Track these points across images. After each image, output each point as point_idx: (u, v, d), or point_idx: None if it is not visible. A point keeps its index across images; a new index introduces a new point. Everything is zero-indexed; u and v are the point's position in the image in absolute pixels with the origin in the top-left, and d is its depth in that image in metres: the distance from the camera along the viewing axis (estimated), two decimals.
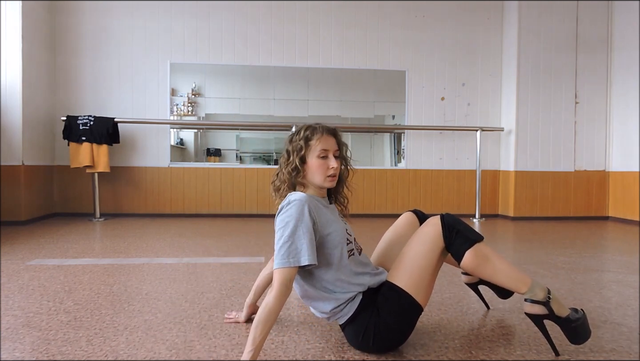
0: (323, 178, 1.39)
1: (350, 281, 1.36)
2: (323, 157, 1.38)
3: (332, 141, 1.42)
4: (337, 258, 1.34)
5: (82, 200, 4.77)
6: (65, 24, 4.76)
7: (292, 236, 1.25)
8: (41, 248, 3.07)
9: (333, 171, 1.39)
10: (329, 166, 1.39)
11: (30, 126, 4.29)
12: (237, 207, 4.96)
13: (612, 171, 5.10)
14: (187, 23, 4.92)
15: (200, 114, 5.06)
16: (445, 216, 1.39)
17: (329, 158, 1.39)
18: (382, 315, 1.33)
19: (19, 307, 1.81)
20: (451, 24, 5.21)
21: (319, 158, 1.38)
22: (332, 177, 1.40)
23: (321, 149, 1.38)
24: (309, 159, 1.39)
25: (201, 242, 3.38)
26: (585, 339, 1.34)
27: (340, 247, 1.35)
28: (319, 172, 1.38)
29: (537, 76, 5.03)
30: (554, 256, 3.01)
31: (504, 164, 5.23)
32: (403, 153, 5.28)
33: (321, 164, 1.38)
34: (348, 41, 5.11)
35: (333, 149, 1.41)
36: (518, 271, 1.37)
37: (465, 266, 1.35)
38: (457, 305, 1.92)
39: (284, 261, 1.24)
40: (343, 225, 1.42)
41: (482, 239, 1.36)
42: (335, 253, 1.34)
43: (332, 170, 1.39)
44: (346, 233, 1.40)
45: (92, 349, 1.41)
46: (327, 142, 1.39)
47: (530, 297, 1.34)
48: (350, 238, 1.42)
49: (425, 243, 1.37)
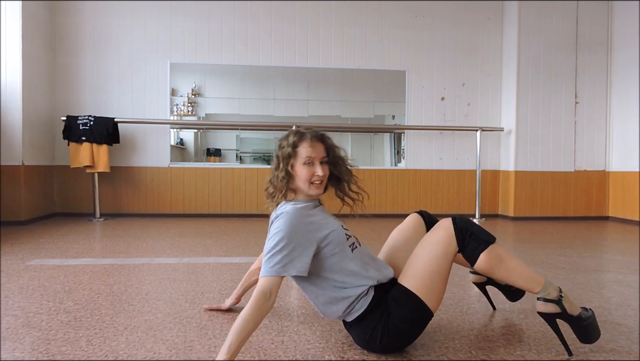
0: (308, 185, 1.40)
1: (361, 273, 1.36)
2: (308, 164, 1.39)
3: (320, 147, 1.42)
4: (342, 254, 1.36)
5: (82, 200, 4.77)
6: (65, 24, 4.76)
7: (278, 247, 1.27)
8: (41, 248, 3.07)
9: (318, 178, 1.40)
10: (314, 173, 1.39)
11: (30, 126, 4.29)
12: (237, 207, 4.96)
13: (612, 171, 5.10)
14: (187, 23, 4.92)
15: (200, 114, 5.06)
16: (457, 219, 1.38)
17: (314, 165, 1.40)
18: (392, 317, 1.33)
19: (19, 307, 1.81)
20: (451, 24, 5.21)
21: (304, 165, 1.39)
22: (318, 185, 1.41)
23: (306, 156, 1.39)
24: (296, 165, 1.40)
25: (201, 242, 3.38)
26: (596, 338, 1.36)
27: (343, 243, 1.37)
28: (304, 180, 1.40)
29: (537, 75, 5.03)
30: (554, 256, 3.01)
31: (504, 164, 5.23)
32: (403, 153, 5.28)
33: (306, 171, 1.39)
34: (348, 41, 5.11)
35: (319, 155, 1.41)
36: (531, 271, 1.38)
37: (480, 268, 1.35)
38: (457, 304, 1.92)
39: (268, 270, 1.25)
40: (338, 222, 1.44)
41: (495, 240, 1.36)
42: (339, 250, 1.35)
43: (316, 177, 1.40)
44: (343, 229, 1.42)
45: (92, 349, 1.41)
46: (314, 149, 1.40)
47: (544, 296, 1.34)
48: (349, 233, 1.44)
49: (437, 247, 1.36)
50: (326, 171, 1.43)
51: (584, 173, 5.13)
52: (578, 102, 5.10)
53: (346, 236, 1.41)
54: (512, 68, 5.07)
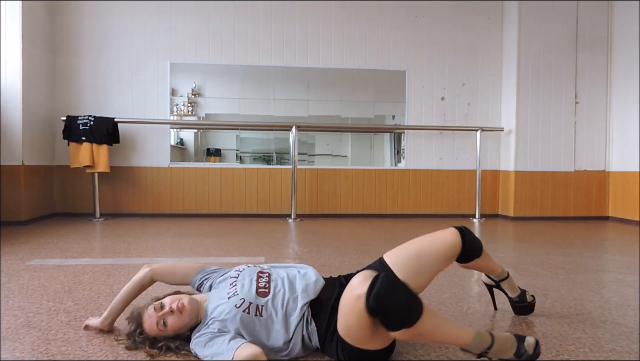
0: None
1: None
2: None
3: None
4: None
5: (82, 200, 4.76)
6: (65, 24, 4.76)
7: None
8: (41, 248, 3.07)
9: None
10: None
11: (30, 126, 4.29)
12: (237, 207, 4.96)
13: (612, 171, 5.10)
14: (187, 23, 4.92)
15: (200, 114, 5.06)
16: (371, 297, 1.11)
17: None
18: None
19: (19, 307, 1.81)
20: (451, 24, 5.21)
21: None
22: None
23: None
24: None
25: (201, 242, 3.38)
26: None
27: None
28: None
29: (537, 75, 5.03)
30: (554, 256, 3.01)
31: (504, 164, 5.23)
32: (403, 153, 5.28)
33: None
34: (348, 41, 5.11)
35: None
36: (459, 330, 1.21)
37: (401, 338, 1.21)
38: (457, 304, 1.92)
39: None
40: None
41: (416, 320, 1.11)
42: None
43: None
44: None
45: (92, 349, 1.41)
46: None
47: (472, 351, 1.20)
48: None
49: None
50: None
51: (584, 173, 5.13)
52: (578, 102, 5.10)
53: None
54: (512, 68, 5.07)
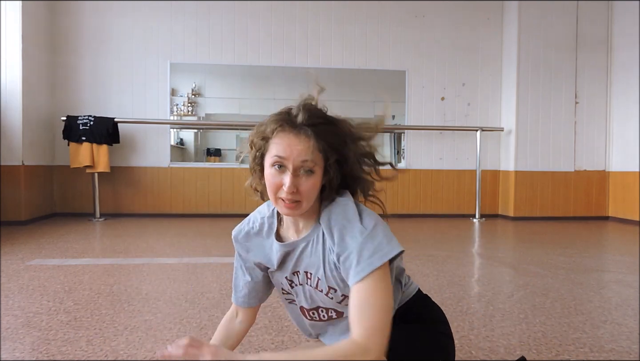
0: (274, 198, 0.90)
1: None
2: (277, 167, 0.88)
3: (304, 145, 0.87)
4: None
5: (82, 200, 4.76)
6: (65, 24, 4.76)
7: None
8: (41, 248, 3.07)
9: (286, 192, 0.86)
10: (281, 185, 0.87)
11: (30, 126, 4.28)
12: (237, 207, 4.96)
13: (612, 171, 5.10)
14: (187, 23, 4.92)
15: (200, 114, 5.06)
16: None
17: (285, 172, 0.87)
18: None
19: (19, 307, 1.81)
20: (451, 24, 5.20)
21: (271, 167, 0.88)
22: (289, 204, 0.88)
23: (275, 155, 0.87)
24: (265, 164, 0.91)
25: (201, 242, 3.38)
26: None
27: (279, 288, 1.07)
28: (269, 189, 0.90)
29: (537, 75, 5.03)
30: (554, 256, 3.01)
31: (504, 164, 5.23)
32: (403, 153, 5.27)
33: (271, 177, 0.89)
34: (348, 41, 5.10)
35: (299, 157, 0.86)
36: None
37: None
38: (457, 304, 1.92)
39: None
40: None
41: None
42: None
43: (283, 191, 0.87)
44: (285, 280, 1.01)
45: (92, 349, 1.41)
46: (291, 147, 0.87)
47: None
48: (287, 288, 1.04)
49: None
50: (307, 185, 0.87)
51: (584, 173, 5.13)
52: (578, 102, 5.10)
53: (282, 290, 1.06)
54: (512, 68, 5.07)
